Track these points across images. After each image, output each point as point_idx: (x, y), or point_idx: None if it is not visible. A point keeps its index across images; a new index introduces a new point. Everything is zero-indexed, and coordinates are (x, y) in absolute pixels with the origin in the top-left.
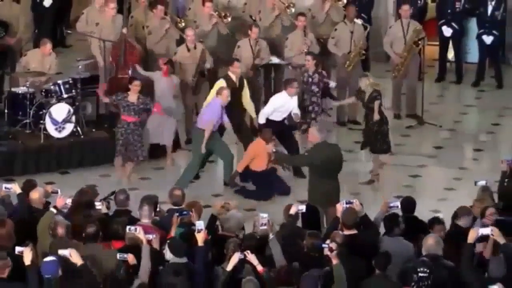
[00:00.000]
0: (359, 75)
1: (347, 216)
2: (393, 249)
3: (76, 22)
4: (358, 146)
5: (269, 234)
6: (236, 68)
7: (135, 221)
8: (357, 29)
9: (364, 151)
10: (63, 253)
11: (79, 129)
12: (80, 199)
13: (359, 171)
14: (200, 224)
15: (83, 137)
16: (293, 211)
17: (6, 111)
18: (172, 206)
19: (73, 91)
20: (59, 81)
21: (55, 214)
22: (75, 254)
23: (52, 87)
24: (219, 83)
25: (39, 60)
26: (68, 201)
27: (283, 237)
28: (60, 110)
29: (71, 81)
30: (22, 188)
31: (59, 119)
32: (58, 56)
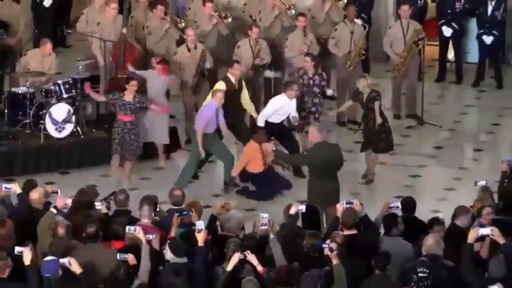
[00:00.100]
0: (359, 75)
1: (347, 216)
2: (391, 249)
3: (76, 22)
4: (358, 146)
5: (269, 234)
6: (235, 70)
7: (135, 221)
8: (357, 29)
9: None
10: (62, 261)
11: (79, 129)
12: (80, 199)
13: (359, 171)
14: (200, 224)
15: (83, 137)
16: (293, 211)
17: (6, 111)
18: (172, 206)
19: (73, 91)
20: (59, 81)
21: (55, 214)
22: (74, 262)
23: (52, 87)
24: (218, 85)
25: (39, 60)
26: (68, 201)
27: (283, 237)
28: (60, 110)
29: (71, 81)
30: (22, 188)
31: (59, 119)
32: (58, 56)
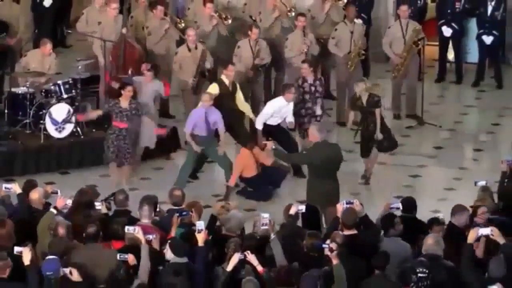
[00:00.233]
0: (358, 76)
1: (347, 216)
2: (389, 250)
3: (76, 22)
4: (358, 146)
5: (270, 234)
6: (229, 71)
7: (135, 221)
8: (357, 29)
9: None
10: (63, 271)
11: (79, 129)
12: (80, 199)
13: (359, 171)
14: (200, 224)
15: (83, 137)
16: (293, 211)
17: (6, 111)
18: (172, 206)
19: (73, 91)
20: (59, 81)
21: (55, 214)
22: (75, 272)
23: (52, 87)
24: (210, 87)
25: (39, 60)
26: (68, 201)
27: (283, 237)
28: (60, 110)
29: (71, 81)
30: (22, 188)
31: (59, 119)
32: (58, 56)
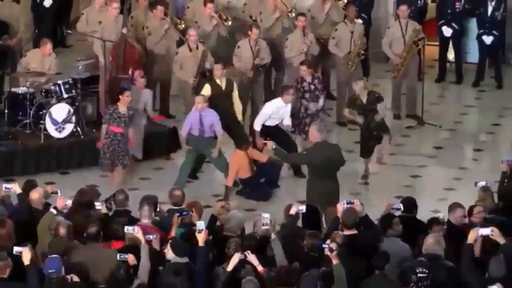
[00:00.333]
0: (358, 75)
1: (347, 216)
2: (388, 250)
3: (76, 22)
4: (358, 146)
5: (271, 234)
6: (216, 70)
7: (135, 221)
8: (357, 29)
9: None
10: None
11: (79, 129)
12: (80, 199)
13: (359, 171)
14: (200, 224)
15: (83, 137)
16: (293, 211)
17: (6, 111)
18: (172, 206)
19: (73, 91)
20: (59, 81)
21: (55, 215)
22: (75, 278)
23: (52, 87)
24: (204, 88)
25: (39, 60)
26: (68, 202)
27: (283, 237)
28: (60, 110)
29: (71, 81)
30: (22, 188)
31: (59, 119)
32: (58, 56)
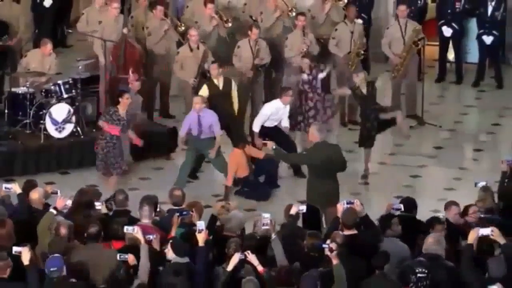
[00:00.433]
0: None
1: (347, 216)
2: (387, 250)
3: (76, 22)
4: (358, 146)
5: (271, 234)
6: (213, 70)
7: (135, 221)
8: (356, 29)
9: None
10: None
11: (79, 129)
12: (80, 199)
13: (359, 171)
14: (201, 224)
15: (83, 137)
16: (293, 211)
17: (6, 111)
18: (172, 206)
19: (73, 91)
20: (59, 81)
21: (55, 215)
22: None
23: (52, 87)
24: (201, 89)
25: (39, 60)
26: (68, 202)
27: (283, 237)
28: (60, 110)
29: (71, 81)
30: (22, 188)
31: (59, 119)
32: (58, 56)
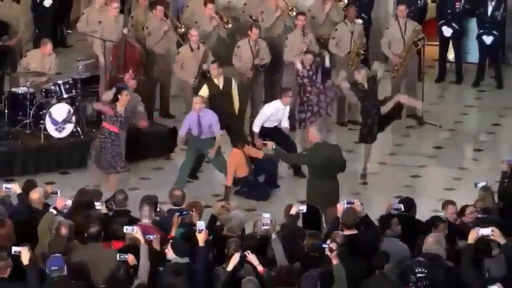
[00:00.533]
0: None
1: (347, 216)
2: (387, 250)
3: (76, 22)
4: (358, 146)
5: (271, 234)
6: (213, 70)
7: (135, 221)
8: (356, 29)
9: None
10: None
11: (79, 129)
12: (80, 199)
13: (359, 171)
14: (201, 224)
15: (83, 137)
16: (293, 211)
17: (6, 111)
18: (172, 206)
19: (73, 91)
20: (59, 81)
21: (55, 215)
22: None
23: (52, 87)
24: (201, 89)
25: (39, 60)
26: (68, 202)
27: (283, 237)
28: (60, 110)
29: (71, 81)
30: (22, 188)
31: (59, 119)
32: (58, 56)
